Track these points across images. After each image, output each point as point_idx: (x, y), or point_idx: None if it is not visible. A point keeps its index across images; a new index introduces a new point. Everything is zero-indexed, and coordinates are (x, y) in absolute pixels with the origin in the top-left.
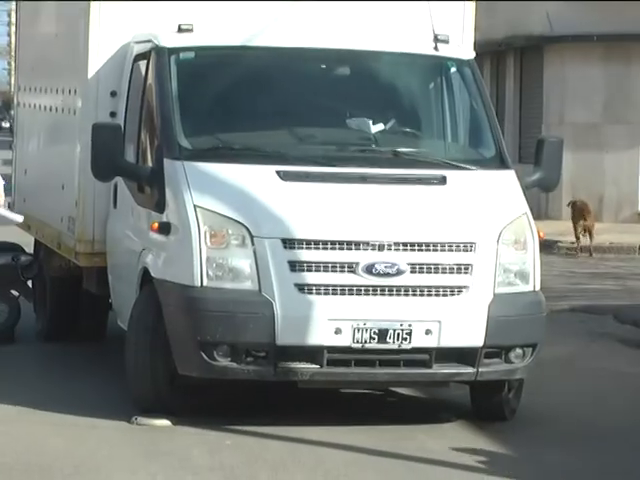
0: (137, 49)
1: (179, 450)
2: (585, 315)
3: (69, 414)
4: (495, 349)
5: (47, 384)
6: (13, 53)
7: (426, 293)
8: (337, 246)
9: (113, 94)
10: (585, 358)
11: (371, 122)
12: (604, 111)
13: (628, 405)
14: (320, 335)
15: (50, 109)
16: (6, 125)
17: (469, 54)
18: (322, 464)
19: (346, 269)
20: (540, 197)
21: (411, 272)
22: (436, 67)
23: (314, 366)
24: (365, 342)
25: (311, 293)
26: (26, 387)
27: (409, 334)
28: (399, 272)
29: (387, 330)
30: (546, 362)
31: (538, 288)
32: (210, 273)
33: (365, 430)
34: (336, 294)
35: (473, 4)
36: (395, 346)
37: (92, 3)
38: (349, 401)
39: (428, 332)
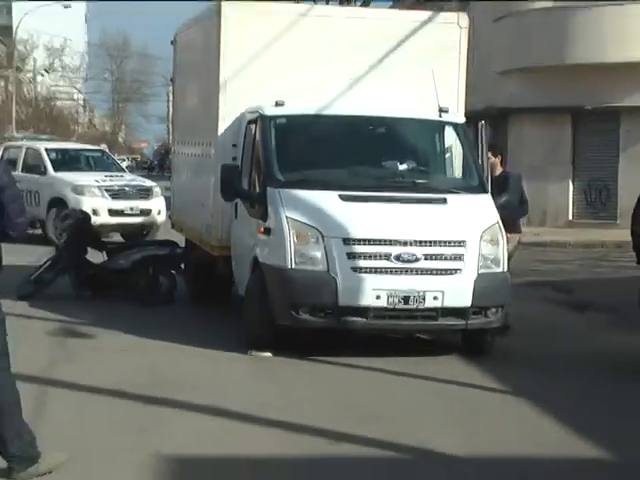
0: (249, 117)
1: (277, 371)
2: (535, 287)
3: (204, 348)
4: (478, 308)
5: (190, 329)
6: (171, 119)
7: (434, 273)
8: (377, 242)
9: (234, 146)
10: (534, 313)
11: (398, 163)
12: (547, 157)
13: (564, 342)
14: (366, 299)
15: (194, 155)
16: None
17: (461, 119)
18: (366, 380)
19: (383, 257)
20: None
21: (425, 259)
22: (440, 127)
23: (362, 319)
24: (395, 304)
25: (360, 272)
26: (175, 331)
27: (423, 299)
28: (417, 259)
29: (409, 296)
30: (509, 316)
31: (506, 270)
32: (297, 259)
33: (395, 360)
34: (377, 273)
35: (463, 87)
36: (414, 307)
37: (221, 88)
38: (385, 342)
39: (435, 298)
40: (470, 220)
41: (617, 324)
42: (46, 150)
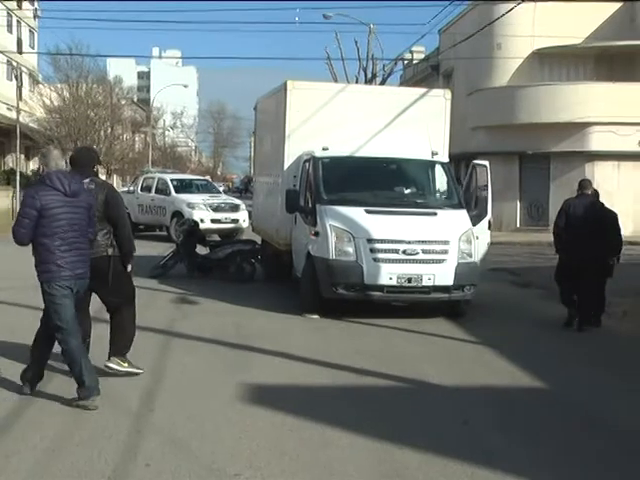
0: (304, 157)
1: (321, 327)
2: (495, 272)
3: (273, 311)
4: (458, 286)
5: (264, 298)
6: (252, 159)
7: (429, 262)
8: (390, 241)
9: (294, 177)
10: (494, 290)
11: (404, 188)
12: (503, 185)
13: (514, 308)
14: (382, 280)
15: (268, 183)
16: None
17: (446, 159)
18: (380, 334)
19: (394, 251)
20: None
21: (422, 253)
22: (432, 165)
23: (380, 293)
24: (402, 283)
25: (379, 262)
26: (254, 299)
27: (421, 280)
28: (417, 253)
29: (411, 278)
30: (478, 292)
31: (477, 260)
32: (336, 253)
33: (401, 320)
34: (390, 262)
35: (447, 138)
36: (415, 285)
37: (286, 138)
38: (397, 308)
39: (429, 279)
40: (452, 226)
41: (546, 296)
42: (170, 179)
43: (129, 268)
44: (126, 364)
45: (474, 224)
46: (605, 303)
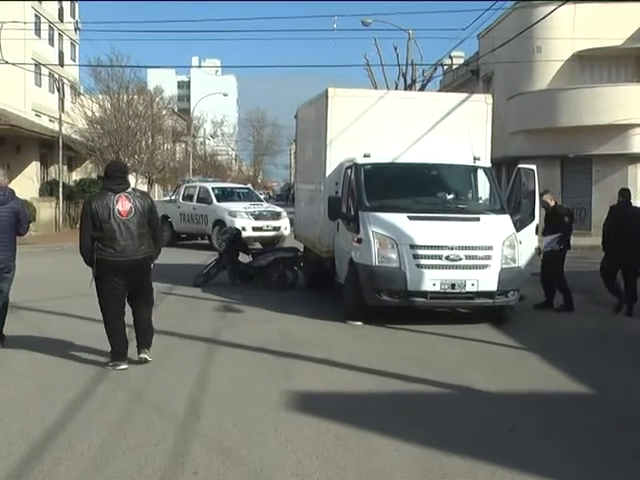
0: (346, 164)
1: (365, 334)
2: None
3: (316, 319)
4: (501, 291)
5: (307, 305)
6: (293, 166)
7: (472, 267)
8: (433, 247)
9: (336, 184)
10: (538, 295)
11: (447, 194)
12: (543, 185)
13: (558, 314)
14: (426, 286)
15: (309, 190)
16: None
17: (488, 164)
18: (424, 340)
19: (437, 257)
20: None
21: (465, 259)
22: (475, 170)
23: (423, 299)
24: (445, 289)
25: (422, 268)
26: (297, 307)
27: (465, 285)
28: (460, 259)
29: (455, 284)
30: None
31: (521, 265)
32: (379, 259)
33: (444, 326)
34: (433, 268)
35: (489, 143)
36: (458, 291)
37: (328, 145)
38: (440, 314)
39: (473, 284)
40: (495, 232)
41: (591, 301)
42: (212, 188)
43: (152, 266)
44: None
45: (518, 229)
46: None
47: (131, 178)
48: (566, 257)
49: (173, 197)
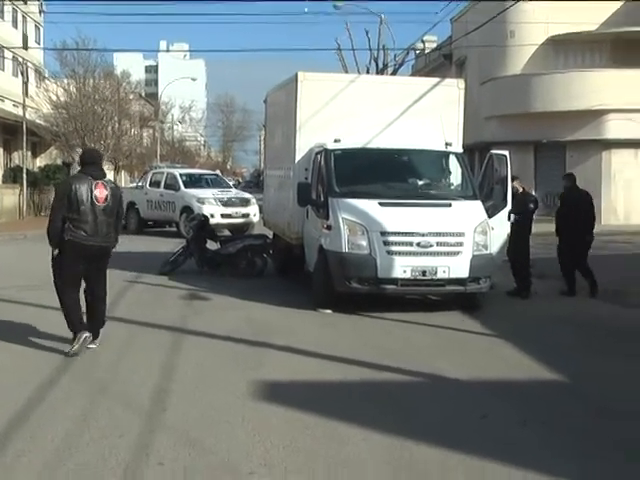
0: (316, 149)
1: (334, 322)
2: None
3: (285, 307)
4: (473, 278)
5: (276, 293)
6: (262, 152)
7: (443, 254)
8: (404, 234)
9: (306, 169)
10: (510, 282)
11: (418, 180)
12: (518, 175)
13: (530, 300)
14: (397, 273)
15: (279, 176)
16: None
17: (460, 150)
18: (395, 329)
19: (408, 244)
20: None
21: (437, 245)
22: (447, 156)
23: (393, 286)
24: (416, 276)
25: (393, 255)
26: (266, 295)
27: (436, 272)
28: (431, 245)
29: (426, 270)
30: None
31: (491, 252)
32: (349, 246)
33: (415, 314)
34: (404, 255)
35: (462, 128)
36: (429, 278)
37: (297, 130)
38: (409, 302)
39: (444, 271)
40: (467, 218)
41: (561, 288)
42: (180, 174)
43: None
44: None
45: (490, 215)
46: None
47: None
48: (531, 243)
49: (140, 184)
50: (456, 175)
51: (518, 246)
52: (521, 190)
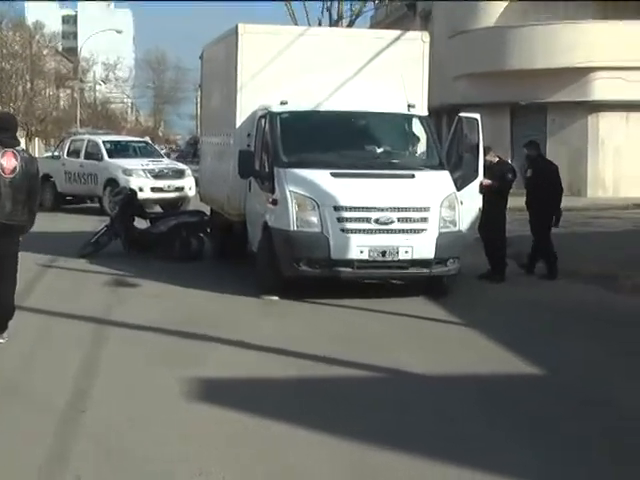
0: (260, 113)
1: (282, 310)
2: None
3: (225, 293)
4: (439, 259)
5: (214, 278)
6: (199, 116)
7: (406, 232)
8: (360, 209)
9: (248, 135)
10: (483, 263)
11: (376, 147)
12: (491, 142)
13: (503, 284)
14: (352, 253)
15: (217, 143)
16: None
17: (425, 113)
18: (352, 317)
19: (365, 220)
20: None
21: (398, 222)
22: (409, 119)
23: (349, 269)
24: (375, 257)
25: (348, 233)
26: (203, 280)
27: (397, 252)
28: (392, 222)
29: (386, 251)
30: (463, 266)
31: (461, 229)
32: (298, 223)
33: (374, 301)
34: (360, 233)
35: (426, 88)
36: (390, 259)
37: (238, 91)
38: (367, 287)
39: (407, 252)
40: (433, 190)
41: (541, 269)
42: (103, 142)
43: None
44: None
45: (459, 188)
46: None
47: None
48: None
49: (56, 153)
50: (420, 142)
51: (492, 222)
52: (497, 160)
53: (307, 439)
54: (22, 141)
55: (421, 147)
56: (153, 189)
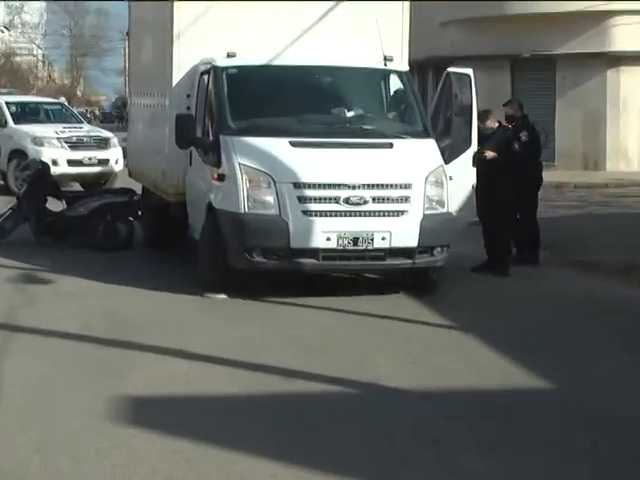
0: (202, 68)
1: (232, 312)
2: (479, 227)
3: (161, 291)
4: (424, 248)
5: (148, 273)
6: (127, 72)
7: (382, 214)
8: (326, 186)
9: (188, 96)
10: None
11: (346, 110)
12: (487, 102)
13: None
14: (317, 241)
15: (150, 106)
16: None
17: (405, 67)
18: (317, 319)
19: (332, 201)
20: None
21: (372, 202)
22: (386, 75)
23: (313, 260)
24: (345, 245)
25: (311, 216)
26: (134, 275)
27: (372, 240)
28: (365, 202)
29: (358, 238)
30: (453, 256)
31: (450, 210)
32: (249, 204)
33: (344, 299)
34: (326, 216)
35: (407, 37)
36: (363, 247)
37: (175, 40)
38: (339, 282)
39: (383, 238)
40: (415, 163)
41: (547, 261)
42: (6, 103)
43: None
44: None
45: (447, 160)
46: None
47: None
48: None
49: None
50: (400, 103)
51: (495, 204)
52: (497, 125)
53: (261, 472)
54: None
55: (401, 110)
56: (70, 162)
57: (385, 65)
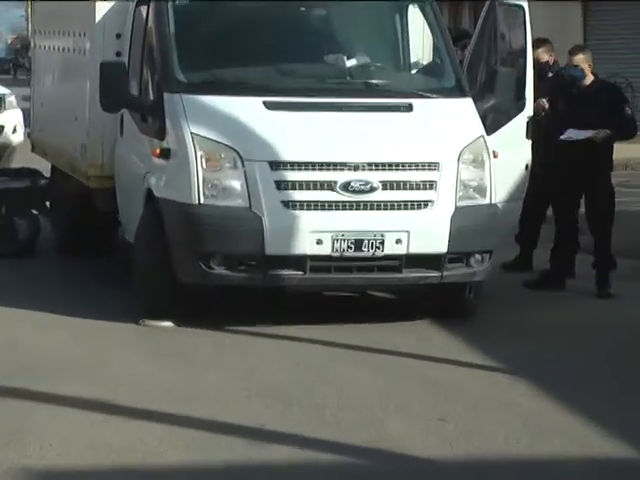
0: None
1: (179, 347)
2: None
3: (78, 317)
4: (457, 255)
5: (59, 291)
6: (30, 3)
7: (396, 207)
8: (317, 167)
9: (118, 36)
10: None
11: (345, 57)
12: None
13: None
14: (303, 245)
15: (62, 50)
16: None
17: None
18: (306, 358)
19: (325, 187)
20: None
21: (383, 189)
22: (402, 7)
23: (299, 273)
24: (343, 251)
25: (295, 209)
26: (39, 294)
27: (382, 243)
28: (372, 189)
29: (362, 240)
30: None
31: (495, 201)
32: (206, 192)
33: (341, 328)
34: (317, 209)
35: None
36: (369, 254)
37: None
38: (330, 303)
39: (398, 241)
40: (445, 134)
41: (627, 274)
42: None
43: None
44: None
45: (491, 129)
46: None
47: None
48: None
49: None
50: (421, 47)
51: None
52: (553, 60)
53: None
54: None
55: (423, 56)
56: None
57: None
